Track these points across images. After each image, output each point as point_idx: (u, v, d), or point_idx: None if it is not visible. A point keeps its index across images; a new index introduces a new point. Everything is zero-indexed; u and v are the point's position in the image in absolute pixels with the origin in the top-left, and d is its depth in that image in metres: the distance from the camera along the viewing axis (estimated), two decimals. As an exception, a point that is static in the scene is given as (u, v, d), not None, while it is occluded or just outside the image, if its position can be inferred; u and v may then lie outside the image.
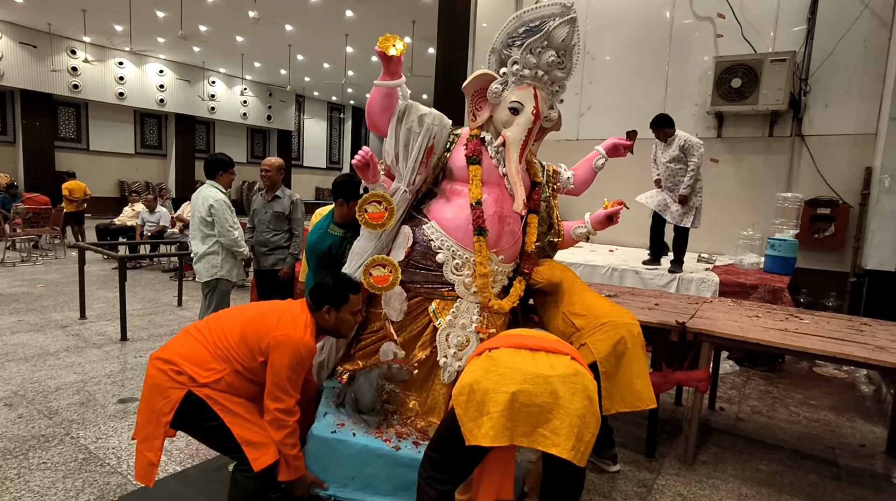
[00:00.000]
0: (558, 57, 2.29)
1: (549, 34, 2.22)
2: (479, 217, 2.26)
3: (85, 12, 11.85)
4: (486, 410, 1.59)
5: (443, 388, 2.32)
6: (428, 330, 2.34)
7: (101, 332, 4.66)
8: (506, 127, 2.32)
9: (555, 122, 2.51)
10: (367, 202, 2.22)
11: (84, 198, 9.72)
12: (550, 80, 2.35)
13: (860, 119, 5.21)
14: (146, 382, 1.93)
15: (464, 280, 2.31)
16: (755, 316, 3.05)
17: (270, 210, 4.08)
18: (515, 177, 2.27)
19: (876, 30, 5.06)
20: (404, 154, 2.27)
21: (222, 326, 2.02)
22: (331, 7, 10.76)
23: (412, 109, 2.26)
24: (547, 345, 1.77)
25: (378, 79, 2.21)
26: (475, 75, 2.34)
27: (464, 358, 2.29)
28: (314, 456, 2.16)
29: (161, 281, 7.22)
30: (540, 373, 1.61)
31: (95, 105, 15.65)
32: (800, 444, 3.13)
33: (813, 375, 4.45)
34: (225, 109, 18.35)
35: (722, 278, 4.57)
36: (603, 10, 6.62)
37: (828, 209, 5.30)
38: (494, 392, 1.60)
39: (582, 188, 2.78)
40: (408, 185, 2.31)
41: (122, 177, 16.64)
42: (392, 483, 2.14)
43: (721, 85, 5.63)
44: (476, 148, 2.34)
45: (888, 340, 2.57)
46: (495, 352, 1.74)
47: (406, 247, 2.33)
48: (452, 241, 2.30)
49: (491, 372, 1.65)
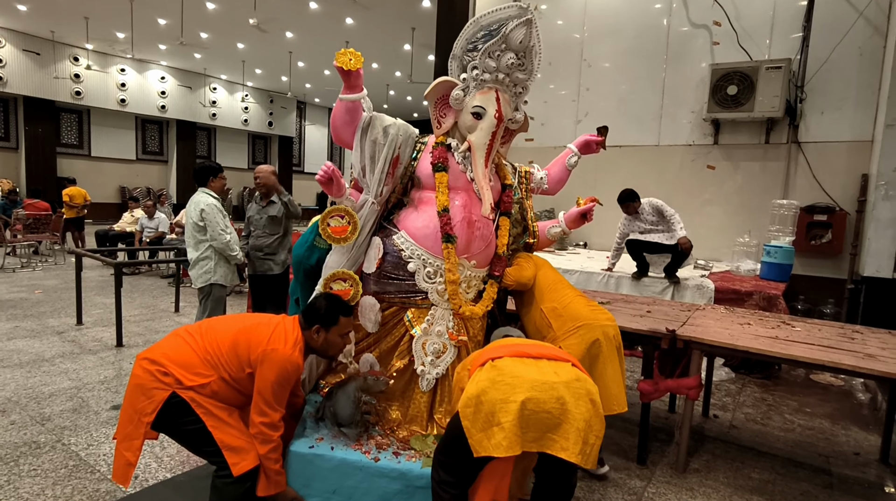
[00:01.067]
0: (518, 58, 2.30)
1: (506, 36, 2.23)
2: (446, 224, 2.26)
3: (87, 20, 11.97)
4: (496, 420, 1.60)
5: (423, 396, 2.32)
6: (405, 340, 2.34)
7: (96, 338, 4.67)
8: (470, 132, 2.33)
9: (521, 124, 2.52)
10: (330, 216, 2.23)
11: (84, 204, 9.77)
12: (512, 83, 2.36)
13: (856, 126, 5.21)
14: (130, 381, 1.93)
15: (437, 287, 2.31)
16: (747, 323, 3.05)
17: (265, 215, 4.10)
18: (483, 181, 2.28)
19: (871, 37, 5.07)
20: (370, 166, 2.27)
21: (215, 333, 2.02)
22: (331, 14, 10.84)
23: (376, 121, 2.27)
24: (548, 353, 1.79)
25: (340, 93, 2.22)
26: (436, 83, 2.35)
27: (441, 365, 2.30)
28: (294, 473, 2.14)
29: (159, 287, 7.24)
30: (546, 380, 1.63)
31: (97, 111, 15.77)
32: (793, 452, 3.12)
33: (809, 382, 4.43)
34: (226, 116, 18.46)
35: (718, 285, 4.57)
36: (600, 18, 6.66)
37: (824, 216, 5.30)
38: (503, 402, 1.60)
39: (556, 187, 2.79)
40: (375, 197, 2.31)
41: (124, 183, 16.74)
42: (374, 496, 2.12)
43: (717, 92, 5.64)
44: (442, 155, 2.34)
45: (878, 348, 2.57)
46: (499, 362, 1.74)
47: (377, 259, 2.33)
48: (423, 250, 2.30)
49: (497, 382, 1.65)
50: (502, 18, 2.27)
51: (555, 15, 6.98)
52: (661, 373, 2.93)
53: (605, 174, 6.26)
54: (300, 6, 10.45)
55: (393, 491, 2.10)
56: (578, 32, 6.82)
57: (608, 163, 6.49)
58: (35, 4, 11.20)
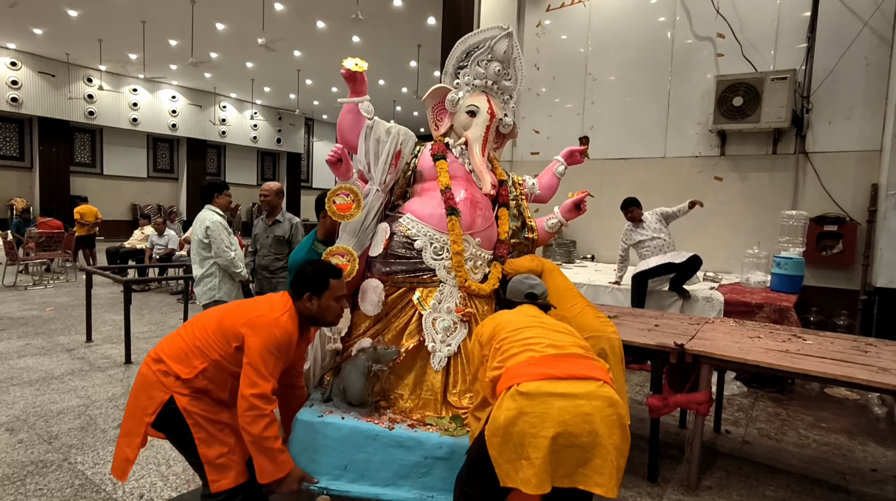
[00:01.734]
0: (503, 67, 2.63)
1: (492, 48, 2.59)
2: (449, 198, 2.43)
3: (101, 42, 12.26)
4: (525, 454, 1.53)
5: (436, 376, 2.31)
6: (414, 320, 2.37)
7: (106, 355, 4.69)
8: (466, 129, 2.58)
9: (511, 129, 2.78)
10: (336, 194, 2.32)
11: (95, 222, 9.90)
12: (500, 90, 2.68)
13: (864, 135, 5.17)
14: (136, 379, 1.95)
15: (444, 263, 2.40)
16: (757, 336, 3.00)
17: (271, 234, 4.10)
18: (481, 166, 2.49)
19: (876, 47, 5.06)
20: (374, 160, 2.43)
21: (202, 321, 2.00)
22: (338, 33, 11.01)
23: (378, 124, 2.45)
24: (577, 372, 1.62)
25: (347, 97, 2.45)
26: (433, 89, 2.65)
27: (453, 343, 2.33)
28: (301, 444, 2.01)
29: (168, 304, 7.28)
30: (578, 412, 1.52)
31: (110, 130, 16.07)
32: (809, 469, 3.04)
33: (824, 396, 4.34)
34: (235, 133, 18.73)
35: (727, 297, 4.52)
36: (603, 32, 6.70)
37: (835, 226, 5.24)
38: (533, 436, 1.52)
39: (548, 193, 2.92)
40: (380, 185, 2.43)
41: (135, 201, 16.98)
42: (389, 470, 1.97)
43: (723, 103, 5.64)
44: (441, 148, 2.59)
45: (893, 362, 2.51)
46: (525, 386, 1.58)
47: (384, 240, 2.42)
48: (429, 227, 2.42)
49: (526, 413, 1.54)
50: (487, 37, 2.60)
51: (558, 30, 7.04)
52: (670, 388, 2.88)
53: (611, 187, 6.25)
54: (308, 25, 10.64)
55: (410, 464, 1.97)
56: (583, 47, 6.86)
57: (615, 176, 6.49)
58: (51, 28, 11.49)
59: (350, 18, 7.93)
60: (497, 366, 1.71)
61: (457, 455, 1.96)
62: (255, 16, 9.64)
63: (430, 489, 1.97)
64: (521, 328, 1.82)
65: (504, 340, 1.79)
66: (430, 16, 9.69)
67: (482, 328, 1.95)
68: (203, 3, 9.68)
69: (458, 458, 1.93)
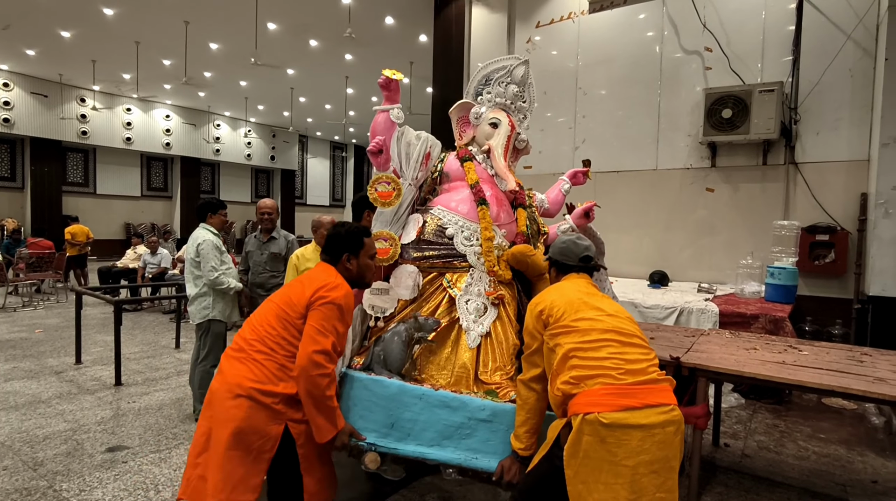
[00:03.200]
0: (520, 91, 2.98)
1: (511, 72, 2.95)
2: (479, 191, 2.67)
3: (94, 62, 12.30)
4: (602, 479, 1.59)
5: (468, 353, 2.40)
6: (444, 303, 2.51)
7: (95, 377, 4.62)
8: (488, 138, 2.84)
9: (525, 145, 3.04)
10: (378, 182, 2.55)
11: (87, 242, 9.84)
12: (516, 109, 2.99)
13: (852, 145, 5.23)
14: (229, 426, 1.77)
15: (474, 249, 2.58)
16: (753, 348, 2.99)
17: (267, 251, 4.08)
18: (504, 169, 2.73)
19: (860, 59, 5.14)
20: (406, 160, 2.66)
21: (258, 326, 1.93)
22: (330, 51, 11.11)
23: (408, 131, 2.69)
24: (651, 400, 1.64)
25: (382, 104, 2.65)
26: (458, 104, 2.97)
27: (485, 324, 2.46)
28: (351, 400, 2.04)
29: (161, 324, 7.21)
30: (654, 441, 1.59)
31: (103, 150, 16.06)
32: (809, 481, 3.01)
33: (822, 407, 4.31)
34: (229, 151, 18.76)
35: (722, 308, 4.51)
36: (593, 47, 6.79)
37: (826, 235, 5.26)
38: (613, 463, 1.58)
39: (555, 208, 3.28)
40: (412, 180, 2.65)
41: (129, 220, 16.91)
42: (434, 430, 2.01)
43: (712, 116, 5.69)
44: (467, 152, 2.86)
45: (889, 371, 2.50)
46: (606, 417, 1.59)
47: (417, 228, 2.61)
48: (459, 216, 2.64)
49: (608, 442, 1.58)
50: (506, 64, 2.95)
51: (549, 45, 7.12)
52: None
53: (605, 199, 6.21)
54: (301, 44, 10.73)
55: (454, 425, 2.01)
56: (573, 62, 6.94)
57: (608, 188, 6.51)
58: (43, 49, 11.53)
59: (343, 37, 8.01)
60: (571, 382, 1.71)
61: (499, 419, 2.02)
62: (248, 35, 9.72)
63: (473, 450, 2.01)
64: (584, 317, 1.82)
65: (569, 340, 1.78)
66: (422, 33, 9.80)
67: (541, 305, 1.92)
68: (197, 24, 9.75)
69: (500, 422, 2.01)
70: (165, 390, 4.39)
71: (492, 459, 1.97)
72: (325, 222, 3.68)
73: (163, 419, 3.74)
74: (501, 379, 2.33)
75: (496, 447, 1.98)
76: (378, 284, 2.51)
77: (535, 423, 1.91)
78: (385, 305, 2.46)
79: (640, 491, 1.57)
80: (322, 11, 9.08)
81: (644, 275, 6.05)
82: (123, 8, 9.15)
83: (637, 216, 6.41)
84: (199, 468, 1.82)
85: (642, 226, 6.36)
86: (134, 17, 9.52)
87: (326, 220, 3.71)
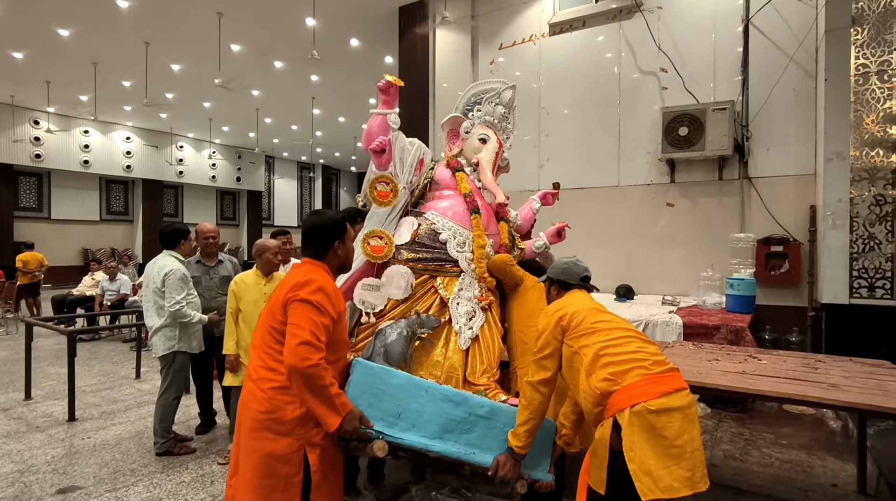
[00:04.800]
0: (506, 112, 3.16)
1: (499, 94, 3.14)
2: (472, 201, 2.81)
3: (49, 83, 11.93)
4: (663, 464, 1.66)
5: (458, 355, 2.50)
6: (436, 305, 2.59)
7: (46, 413, 4.38)
8: (476, 153, 3.01)
9: (507, 163, 3.23)
10: (378, 181, 2.67)
11: (40, 269, 9.41)
12: (502, 129, 3.16)
13: (799, 161, 5.50)
14: (254, 458, 1.88)
15: (466, 255, 2.70)
16: (715, 359, 3.07)
17: (217, 275, 4.00)
18: (492, 183, 2.87)
19: (803, 79, 5.44)
20: (400, 164, 2.80)
21: (258, 354, 1.99)
22: (296, 72, 11.09)
23: (401, 136, 2.83)
24: (678, 385, 1.80)
25: (378, 108, 2.76)
26: (449, 117, 3.17)
27: (475, 327, 2.58)
28: (360, 386, 2.06)
29: (120, 353, 6.92)
30: (688, 420, 1.72)
31: (59, 173, 15.50)
32: (773, 488, 3.08)
33: (783, 413, 4.44)
34: (193, 173, 18.37)
35: (686, 320, 4.62)
36: (554, 68, 6.98)
37: (780, 247, 5.48)
38: (666, 447, 1.67)
39: (526, 226, 3.44)
40: (405, 184, 2.78)
41: (87, 245, 16.28)
42: (437, 423, 2.08)
43: (669, 133, 5.91)
44: (458, 163, 3.01)
45: (841, 377, 2.60)
46: (653, 404, 1.71)
47: (412, 231, 2.70)
48: (452, 223, 2.75)
49: (657, 427, 1.68)
50: (495, 86, 3.14)
51: (512, 66, 7.29)
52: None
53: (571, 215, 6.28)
54: (265, 65, 10.67)
55: (456, 419, 2.08)
56: (535, 82, 7.11)
57: (572, 205, 6.63)
58: (-6, 71, 11.13)
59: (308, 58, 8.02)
60: (609, 379, 1.80)
61: (496, 417, 2.14)
62: (211, 56, 9.61)
63: (471, 445, 2.10)
64: (603, 320, 1.97)
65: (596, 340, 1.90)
66: (388, 55, 9.89)
67: (561, 312, 2.02)
68: (157, 45, 9.60)
69: (497, 419, 2.13)
70: (124, 423, 4.19)
71: (487, 455, 2.07)
72: (271, 246, 3.43)
73: (120, 455, 3.56)
74: (489, 380, 2.46)
75: (492, 443, 2.09)
76: (370, 280, 2.56)
77: (536, 424, 2.01)
78: (375, 301, 2.52)
79: (693, 468, 1.69)
80: (286, 33, 9.08)
81: (610, 290, 6.16)
82: (79, 28, 8.93)
83: (602, 231, 6.55)
84: (232, 489, 1.96)
85: (607, 241, 6.50)
86: (91, 38, 9.31)
87: (272, 244, 3.45)
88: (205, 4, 8.08)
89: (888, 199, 4.47)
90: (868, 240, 4.55)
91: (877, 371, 2.78)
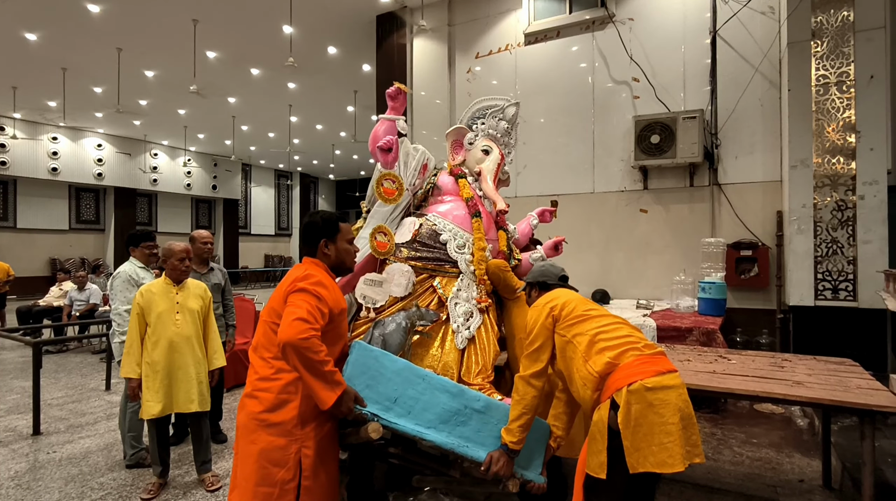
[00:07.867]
0: (509, 128, 3.29)
1: (503, 110, 3.27)
2: (474, 205, 2.88)
3: (15, 89, 11.61)
4: (656, 441, 1.72)
5: (453, 353, 2.53)
6: (434, 304, 2.63)
7: (9, 428, 4.23)
8: (479, 163, 3.10)
9: (507, 176, 3.37)
10: (384, 179, 2.73)
11: (6, 280, 9.11)
12: (503, 144, 3.27)
13: (766, 168, 5.68)
14: (249, 462, 1.87)
15: (465, 257, 2.74)
16: (687, 359, 3.14)
17: (209, 283, 3.94)
18: (493, 192, 2.94)
19: (768, 90, 5.64)
20: (404, 167, 2.90)
21: (260, 355, 2.00)
22: (273, 80, 11.02)
23: (406, 142, 2.95)
24: (670, 366, 1.88)
25: (386, 114, 2.88)
26: (453, 128, 3.29)
27: (472, 327, 2.60)
28: (359, 367, 2.06)
29: (89, 364, 6.72)
30: (682, 398, 1.77)
31: (25, 181, 15.05)
32: (744, 486, 3.15)
33: (754, 413, 4.55)
34: (168, 181, 18.03)
35: (659, 323, 4.71)
36: (530, 78, 7.10)
37: (749, 251, 5.64)
38: (662, 424, 1.73)
39: (524, 240, 3.51)
40: (409, 186, 2.86)
41: (55, 255, 15.81)
42: (433, 412, 2.07)
43: (642, 141, 6.05)
44: (460, 171, 3.10)
45: (805, 375, 2.69)
46: (650, 382, 1.77)
47: (413, 230, 2.76)
48: (453, 225, 2.81)
49: (654, 405, 1.74)
50: (499, 103, 3.26)
51: (488, 76, 7.38)
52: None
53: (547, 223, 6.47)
54: (242, 73, 10.59)
55: (452, 410, 2.07)
56: (511, 91, 7.21)
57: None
58: (-43, 76, 10.80)
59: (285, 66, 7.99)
60: (609, 361, 1.88)
61: (491, 412, 2.14)
62: (186, 63, 9.50)
63: (465, 438, 2.09)
64: (593, 308, 2.06)
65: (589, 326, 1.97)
66: (365, 63, 9.92)
67: (551, 303, 2.08)
68: (130, 51, 9.45)
69: (491, 415, 2.13)
70: (92, 436, 4.07)
71: (480, 449, 2.07)
72: (177, 250, 3.23)
73: (88, 468, 3.46)
74: (483, 381, 2.49)
75: (486, 439, 2.09)
76: (372, 275, 2.59)
77: (529, 419, 2.02)
78: (377, 296, 2.55)
79: (691, 444, 1.75)
80: (263, 40, 9.03)
81: (587, 294, 6.24)
82: (47, 32, 8.74)
83: (578, 237, 6.64)
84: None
85: (584, 247, 6.59)
86: (60, 43, 9.12)
87: (179, 248, 3.25)
88: (179, 11, 7.99)
89: (849, 205, 4.65)
90: (831, 244, 4.72)
91: (839, 368, 2.88)
